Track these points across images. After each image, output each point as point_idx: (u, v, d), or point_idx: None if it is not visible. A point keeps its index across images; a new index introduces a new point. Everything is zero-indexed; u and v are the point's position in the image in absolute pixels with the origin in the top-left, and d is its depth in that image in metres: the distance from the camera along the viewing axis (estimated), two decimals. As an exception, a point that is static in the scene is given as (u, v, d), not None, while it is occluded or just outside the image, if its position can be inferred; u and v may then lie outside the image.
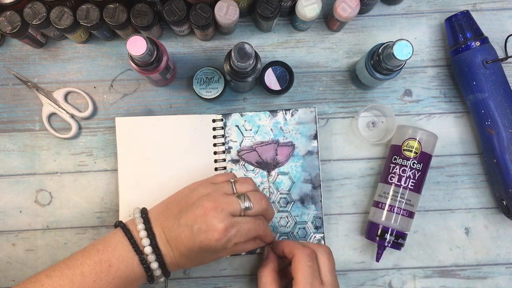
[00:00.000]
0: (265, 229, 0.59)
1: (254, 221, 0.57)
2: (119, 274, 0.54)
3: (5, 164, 0.68)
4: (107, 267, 0.53)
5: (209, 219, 0.53)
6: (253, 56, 0.56)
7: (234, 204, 0.56)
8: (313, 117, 0.68)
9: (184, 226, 0.55)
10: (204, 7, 0.62)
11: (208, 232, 0.53)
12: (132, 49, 0.55)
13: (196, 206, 0.55)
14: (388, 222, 0.64)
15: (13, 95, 0.69)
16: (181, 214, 0.56)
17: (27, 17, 0.61)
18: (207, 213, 0.54)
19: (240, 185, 0.59)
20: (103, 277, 0.53)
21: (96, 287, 0.52)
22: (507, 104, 0.64)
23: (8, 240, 0.67)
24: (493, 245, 0.69)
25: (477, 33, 0.66)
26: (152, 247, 0.55)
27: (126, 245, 0.55)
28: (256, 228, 0.57)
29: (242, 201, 0.56)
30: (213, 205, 0.54)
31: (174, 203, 0.58)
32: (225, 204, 0.55)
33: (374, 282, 0.68)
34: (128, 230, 0.56)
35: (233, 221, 0.54)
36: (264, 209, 0.58)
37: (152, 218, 0.57)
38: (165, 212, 0.58)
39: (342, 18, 0.64)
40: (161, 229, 0.56)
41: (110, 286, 0.53)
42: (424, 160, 0.65)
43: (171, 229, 0.56)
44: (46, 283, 0.52)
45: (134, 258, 0.55)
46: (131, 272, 0.55)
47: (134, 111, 0.69)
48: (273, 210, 0.61)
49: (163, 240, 0.56)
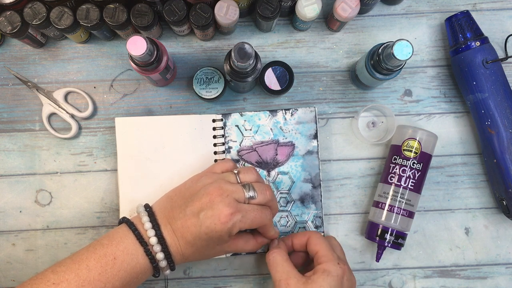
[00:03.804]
0: (270, 221, 0.59)
1: (259, 209, 0.57)
2: (124, 266, 0.54)
3: (5, 164, 0.68)
4: (112, 260, 0.53)
5: (215, 204, 0.54)
6: (253, 56, 0.56)
7: (239, 191, 0.56)
8: (313, 117, 0.68)
9: (190, 215, 0.55)
10: (204, 7, 0.62)
11: (214, 216, 0.54)
12: (132, 49, 0.55)
13: (202, 194, 0.56)
14: (388, 222, 0.64)
15: (13, 95, 0.69)
16: (187, 204, 0.56)
17: (27, 17, 0.61)
18: (213, 199, 0.55)
19: (244, 174, 0.59)
20: (108, 269, 0.53)
21: (101, 280, 0.52)
22: (507, 104, 0.64)
23: (8, 240, 0.67)
24: (493, 245, 0.69)
25: (477, 33, 0.66)
26: (157, 237, 0.55)
27: (131, 238, 0.55)
28: (262, 216, 0.57)
29: (246, 190, 0.57)
30: (218, 191, 0.55)
31: (178, 195, 0.59)
32: (230, 190, 0.56)
33: (374, 282, 0.68)
34: (132, 223, 0.56)
35: (239, 206, 0.55)
36: (268, 199, 0.58)
37: (157, 211, 0.58)
38: (170, 204, 0.58)
39: (342, 18, 0.64)
40: (166, 220, 0.57)
41: (116, 278, 0.53)
42: (424, 160, 0.65)
43: (177, 219, 0.56)
44: (52, 279, 0.52)
45: (139, 250, 0.55)
46: (136, 263, 0.55)
47: (134, 111, 0.69)
48: (277, 203, 0.61)
49: (168, 230, 0.56)
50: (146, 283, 0.67)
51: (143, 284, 0.67)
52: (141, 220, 0.57)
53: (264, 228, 0.60)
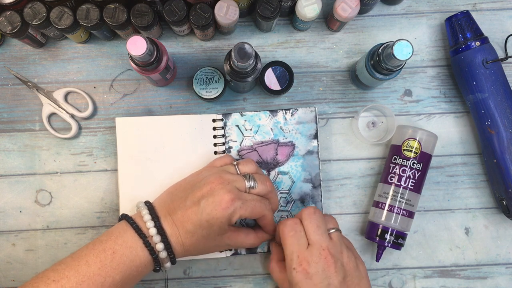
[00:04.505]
0: (270, 212, 0.60)
1: (259, 199, 0.58)
2: (124, 260, 0.54)
3: (5, 164, 0.68)
4: (111, 254, 0.54)
5: (216, 191, 0.55)
6: (253, 56, 0.56)
7: (240, 180, 0.57)
8: (313, 117, 0.68)
9: (190, 203, 0.56)
10: (204, 7, 0.62)
11: (215, 202, 0.54)
12: (132, 49, 0.55)
13: (203, 184, 0.56)
14: (388, 222, 0.64)
15: (13, 95, 0.69)
16: (187, 195, 0.57)
17: (27, 17, 0.61)
18: (214, 186, 0.55)
19: (243, 166, 0.60)
20: (107, 264, 0.53)
21: (101, 274, 0.53)
22: (507, 104, 0.64)
23: (8, 240, 0.67)
24: (493, 245, 0.69)
25: (477, 33, 0.66)
26: (157, 228, 0.56)
27: (130, 231, 0.55)
28: (262, 206, 0.58)
29: (247, 180, 0.58)
30: (219, 180, 0.56)
31: (178, 189, 0.59)
32: (231, 179, 0.57)
33: (374, 282, 0.68)
34: (131, 218, 0.57)
35: (240, 194, 0.56)
36: (268, 190, 0.59)
37: (157, 205, 0.59)
38: (170, 197, 0.59)
39: (342, 18, 0.64)
40: (166, 211, 0.57)
41: (115, 272, 0.53)
42: (424, 160, 0.65)
43: (178, 209, 0.56)
44: (52, 276, 0.52)
45: (138, 242, 0.55)
46: (135, 256, 0.55)
47: (134, 111, 0.69)
48: (277, 196, 0.62)
49: (168, 221, 0.57)
50: (146, 283, 0.67)
51: (143, 284, 0.67)
52: (140, 214, 0.57)
53: (265, 221, 0.60)
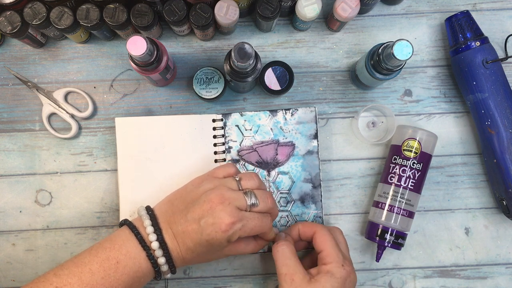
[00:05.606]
0: (270, 229, 0.59)
1: (260, 217, 0.57)
2: (127, 270, 0.54)
3: (5, 164, 0.68)
4: (115, 264, 0.53)
5: (216, 212, 0.54)
6: (253, 56, 0.56)
7: (240, 199, 0.56)
8: (313, 117, 0.68)
9: (191, 221, 0.55)
10: (204, 7, 0.62)
11: (215, 224, 0.54)
12: (132, 49, 0.55)
13: (203, 201, 0.55)
14: (388, 222, 0.64)
15: (13, 95, 0.69)
16: (188, 209, 0.56)
17: (27, 17, 0.61)
18: (214, 206, 0.54)
19: (246, 181, 0.59)
20: (111, 274, 0.53)
21: (104, 284, 0.52)
22: (507, 104, 0.64)
23: (8, 240, 0.67)
24: (493, 245, 0.69)
25: (477, 33, 0.66)
26: (159, 242, 0.55)
27: (133, 242, 0.55)
28: (262, 225, 0.57)
29: (248, 198, 0.56)
30: (220, 199, 0.55)
31: (179, 200, 0.58)
32: (232, 198, 0.55)
33: (374, 282, 0.68)
34: (134, 226, 0.56)
35: (240, 215, 0.55)
36: (269, 208, 0.58)
37: (158, 214, 0.58)
38: (171, 208, 0.58)
39: (342, 18, 0.64)
40: (167, 224, 0.57)
41: (119, 282, 0.53)
42: (424, 160, 0.65)
43: (178, 224, 0.56)
44: (55, 282, 0.52)
45: (141, 254, 0.55)
46: (139, 268, 0.55)
47: (134, 111, 0.69)
48: (277, 209, 0.61)
49: (169, 235, 0.56)
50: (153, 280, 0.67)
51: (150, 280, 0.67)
52: (143, 223, 0.57)
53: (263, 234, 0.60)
